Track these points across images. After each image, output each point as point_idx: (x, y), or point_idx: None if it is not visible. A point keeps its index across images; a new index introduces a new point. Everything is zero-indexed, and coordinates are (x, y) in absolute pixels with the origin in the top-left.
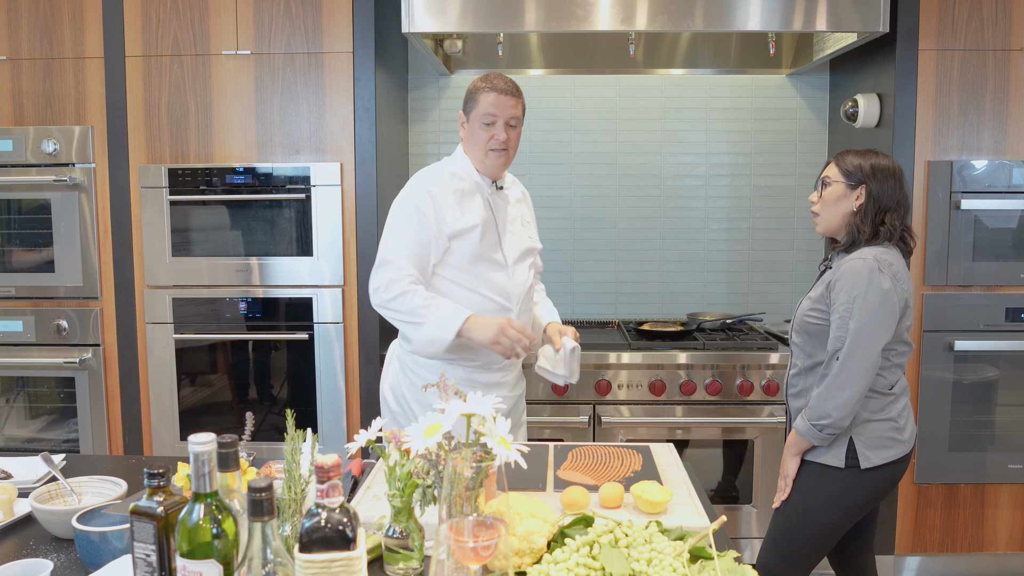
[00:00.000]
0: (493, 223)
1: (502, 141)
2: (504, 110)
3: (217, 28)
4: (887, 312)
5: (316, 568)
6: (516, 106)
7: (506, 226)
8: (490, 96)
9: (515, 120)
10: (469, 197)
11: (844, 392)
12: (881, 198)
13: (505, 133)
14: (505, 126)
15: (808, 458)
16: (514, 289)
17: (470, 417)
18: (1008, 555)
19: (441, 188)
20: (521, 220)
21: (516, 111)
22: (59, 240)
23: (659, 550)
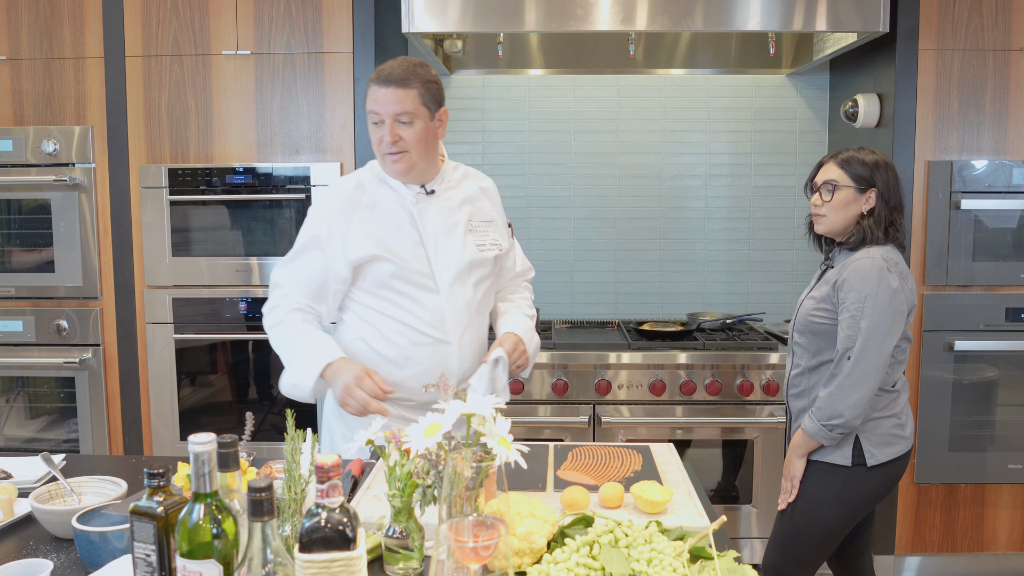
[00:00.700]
0: (418, 238)
1: (390, 144)
2: (386, 105)
3: (217, 28)
4: (896, 311)
5: (316, 568)
6: (404, 99)
7: (438, 239)
8: (371, 89)
9: (406, 116)
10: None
11: (857, 391)
12: (889, 199)
13: (394, 133)
14: (394, 123)
15: (813, 457)
16: (451, 316)
17: (470, 417)
18: (1008, 555)
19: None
20: (466, 226)
21: (404, 105)
22: (59, 240)
23: (659, 550)
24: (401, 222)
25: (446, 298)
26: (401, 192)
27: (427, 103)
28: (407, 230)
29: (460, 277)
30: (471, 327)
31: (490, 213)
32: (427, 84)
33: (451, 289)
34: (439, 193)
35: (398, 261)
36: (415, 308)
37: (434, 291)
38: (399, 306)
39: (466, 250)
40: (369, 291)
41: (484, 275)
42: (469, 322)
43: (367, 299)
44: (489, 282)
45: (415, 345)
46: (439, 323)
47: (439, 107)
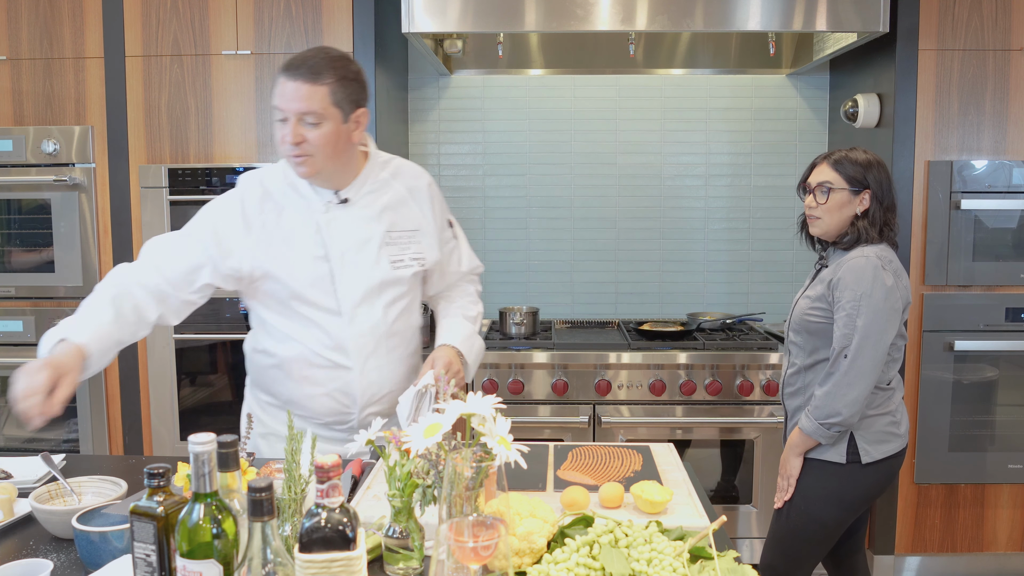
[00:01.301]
0: (323, 254)
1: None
2: (290, 101)
3: (217, 28)
4: (891, 309)
5: (316, 568)
6: (312, 97)
7: (345, 255)
8: (278, 81)
9: (312, 116)
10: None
11: (854, 389)
12: (883, 199)
13: (297, 133)
14: (298, 123)
15: (809, 455)
16: (352, 341)
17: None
18: (1008, 555)
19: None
20: (382, 239)
21: (311, 104)
22: (59, 240)
23: (659, 550)
24: (305, 235)
25: (348, 321)
26: (310, 200)
27: (340, 103)
28: (311, 244)
29: (368, 298)
30: (378, 352)
31: (416, 220)
32: (343, 81)
33: (355, 312)
34: (355, 201)
35: (293, 282)
36: (313, 330)
37: (336, 313)
38: (296, 325)
39: (378, 268)
40: (265, 304)
41: (399, 294)
42: (376, 347)
43: (264, 312)
44: (407, 300)
45: (313, 367)
46: (339, 347)
47: (356, 108)
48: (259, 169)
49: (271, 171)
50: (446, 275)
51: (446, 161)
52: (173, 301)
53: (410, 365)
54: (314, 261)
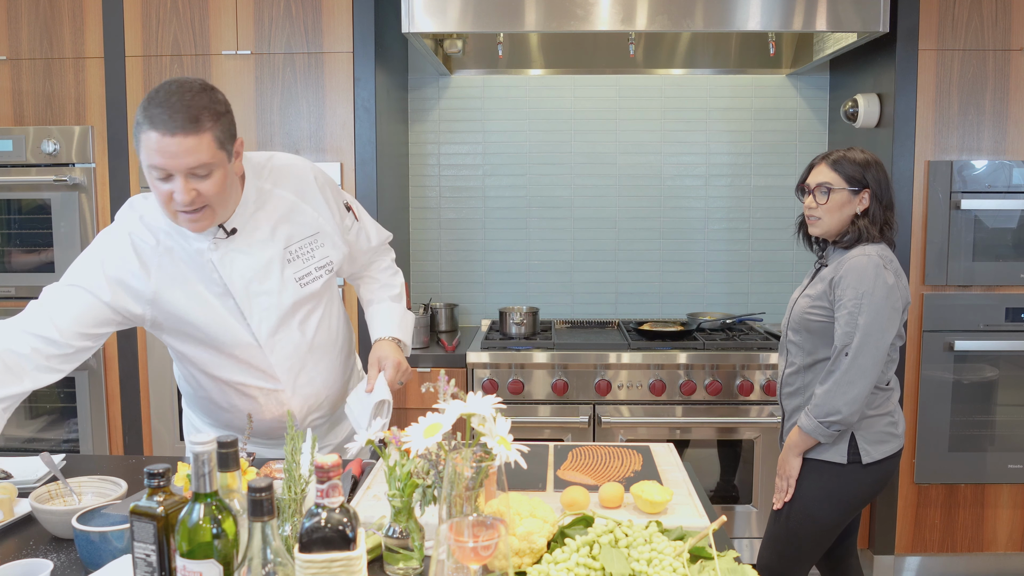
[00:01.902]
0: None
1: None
2: (175, 159)
3: (217, 28)
4: (892, 308)
5: (316, 568)
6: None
7: (249, 287)
8: (151, 139)
9: (203, 168)
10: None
11: (855, 388)
12: (882, 198)
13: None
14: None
15: (809, 456)
16: (279, 366)
17: (470, 417)
18: (1008, 555)
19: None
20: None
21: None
22: (59, 240)
23: (659, 550)
24: (202, 275)
25: (270, 351)
26: (194, 239)
27: (223, 144)
28: (209, 284)
29: (283, 324)
30: (306, 368)
31: (313, 222)
32: (220, 119)
33: (273, 340)
34: (243, 228)
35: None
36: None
37: (254, 346)
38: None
39: (285, 292)
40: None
41: (313, 307)
42: (303, 364)
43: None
44: (322, 309)
45: (243, 396)
46: (265, 374)
47: (234, 140)
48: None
49: (149, 209)
50: (358, 258)
51: (446, 161)
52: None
53: (343, 362)
54: (218, 299)
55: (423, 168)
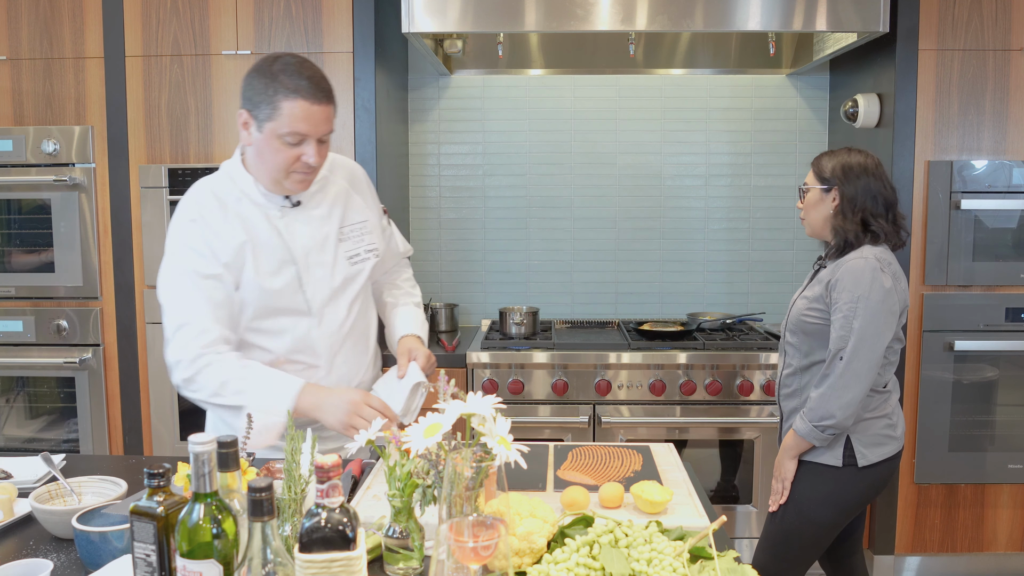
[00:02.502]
0: (288, 257)
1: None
2: (318, 125)
3: (217, 28)
4: (888, 311)
5: (316, 568)
6: (331, 116)
7: (309, 257)
8: (298, 107)
9: (327, 135)
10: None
11: (849, 392)
12: (855, 197)
13: (318, 154)
14: (317, 143)
15: (805, 458)
16: (322, 341)
17: (470, 417)
18: (1008, 555)
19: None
20: (337, 236)
21: (330, 123)
22: (59, 240)
23: (659, 550)
24: (269, 240)
25: (317, 322)
26: (264, 206)
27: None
28: (275, 248)
29: (334, 298)
30: (344, 350)
31: (363, 211)
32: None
33: (323, 312)
34: (306, 202)
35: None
36: (282, 334)
37: (305, 314)
38: (263, 332)
39: (338, 267)
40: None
41: (358, 291)
42: (342, 345)
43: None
44: (365, 294)
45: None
46: (308, 348)
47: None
48: (205, 181)
49: (218, 181)
50: (386, 261)
51: (446, 161)
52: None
53: (372, 353)
54: (281, 265)
55: (423, 168)
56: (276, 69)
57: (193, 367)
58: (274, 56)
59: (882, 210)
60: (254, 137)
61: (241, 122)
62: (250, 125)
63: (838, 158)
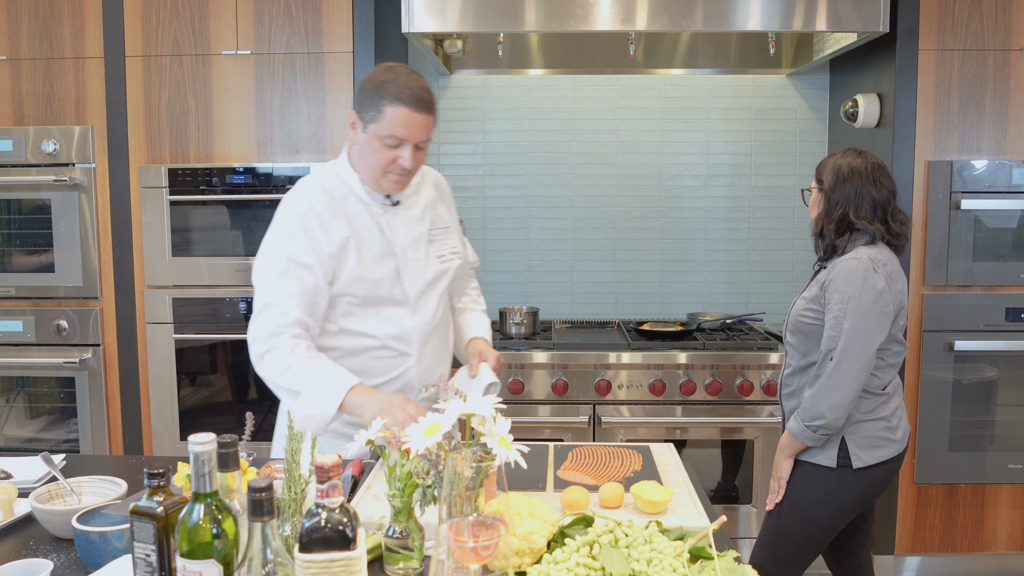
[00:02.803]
0: (389, 251)
1: (409, 169)
2: (418, 132)
3: (217, 28)
4: (881, 312)
5: (316, 568)
6: (430, 125)
7: (406, 252)
8: (399, 113)
9: (425, 142)
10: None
11: (838, 392)
12: (837, 198)
13: (413, 159)
14: (414, 149)
15: (801, 458)
16: (416, 331)
17: (470, 417)
18: (1008, 555)
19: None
20: (428, 236)
21: (429, 131)
22: (59, 240)
23: (659, 550)
24: (371, 234)
25: (412, 312)
26: (368, 203)
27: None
28: (377, 242)
29: (427, 291)
30: (432, 341)
31: (446, 218)
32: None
33: (417, 303)
34: (403, 203)
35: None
36: (381, 322)
37: (402, 304)
38: (364, 319)
39: (429, 264)
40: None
41: (445, 287)
42: (431, 336)
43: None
44: (447, 295)
45: (375, 359)
46: (403, 336)
47: None
48: (313, 177)
49: (325, 176)
50: (461, 268)
51: (446, 161)
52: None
53: (450, 350)
54: (382, 258)
55: None
56: (386, 77)
57: (266, 344)
58: (388, 66)
59: (868, 211)
60: (359, 137)
61: (350, 122)
62: (357, 125)
63: (831, 159)
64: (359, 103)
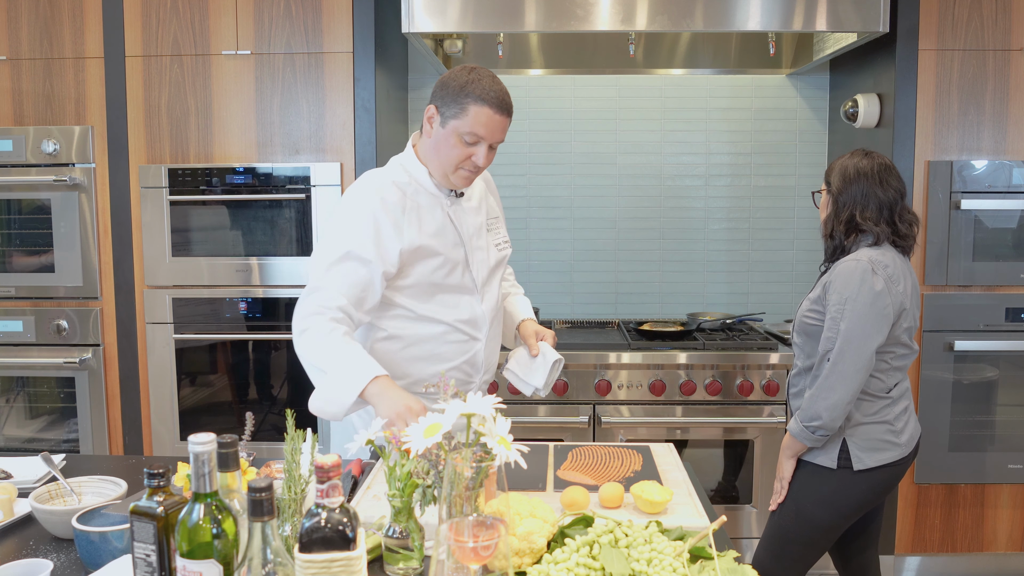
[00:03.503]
0: (459, 242)
1: (480, 166)
2: (496, 133)
3: (217, 28)
4: (878, 314)
5: (316, 568)
6: (506, 128)
7: (472, 241)
8: (483, 113)
9: (498, 143)
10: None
11: (834, 393)
12: (843, 199)
13: (486, 157)
14: (488, 148)
15: (803, 458)
16: (484, 316)
17: (470, 417)
18: (1008, 555)
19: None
20: (485, 227)
21: (504, 134)
22: (59, 240)
23: (659, 550)
24: (443, 226)
25: (480, 299)
26: (437, 196)
27: None
28: (448, 233)
29: (490, 278)
30: (495, 324)
31: (496, 210)
32: None
33: (484, 290)
34: (465, 195)
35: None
36: (454, 308)
37: (471, 292)
38: (439, 305)
39: (490, 251)
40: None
41: (502, 273)
42: (494, 319)
43: (405, 300)
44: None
45: (448, 343)
46: (473, 322)
47: None
48: (380, 173)
49: (394, 173)
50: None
51: None
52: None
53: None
54: (454, 247)
55: None
56: (472, 77)
57: (306, 322)
58: (471, 67)
59: (874, 212)
60: (435, 131)
61: (428, 116)
62: (435, 120)
63: (839, 161)
64: (441, 99)
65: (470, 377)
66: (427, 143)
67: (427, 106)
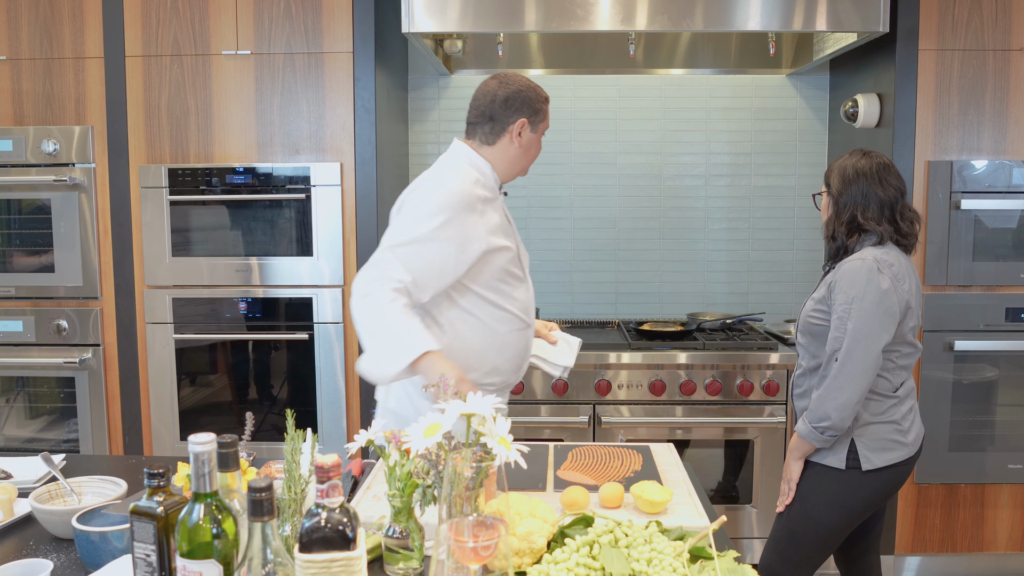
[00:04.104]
0: (512, 233)
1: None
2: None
3: (217, 28)
4: (885, 313)
5: (316, 568)
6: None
7: (518, 234)
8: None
9: None
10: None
11: (843, 393)
12: (844, 200)
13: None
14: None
15: (811, 459)
16: (532, 303)
17: (470, 417)
18: (1008, 555)
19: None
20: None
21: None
22: (59, 240)
23: (659, 550)
24: (503, 220)
25: (528, 286)
26: (496, 193)
27: None
28: (506, 227)
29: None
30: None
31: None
32: None
33: (528, 278)
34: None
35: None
36: (516, 298)
37: (523, 280)
38: (506, 295)
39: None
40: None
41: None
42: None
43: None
44: None
45: (513, 331)
46: (527, 309)
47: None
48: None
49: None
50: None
51: None
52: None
53: None
54: (510, 237)
55: (423, 168)
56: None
57: (370, 287)
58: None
59: (875, 211)
60: (526, 138)
61: (519, 128)
62: (526, 128)
63: (838, 162)
64: (530, 110)
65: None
66: (511, 150)
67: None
